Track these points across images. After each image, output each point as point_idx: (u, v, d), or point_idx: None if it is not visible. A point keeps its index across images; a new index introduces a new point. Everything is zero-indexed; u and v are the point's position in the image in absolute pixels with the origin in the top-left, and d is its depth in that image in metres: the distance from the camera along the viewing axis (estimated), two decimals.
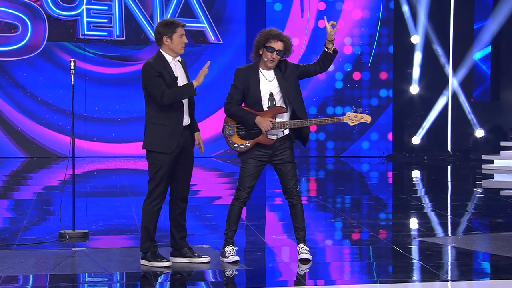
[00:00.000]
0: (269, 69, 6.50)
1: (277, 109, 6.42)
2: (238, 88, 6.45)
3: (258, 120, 6.38)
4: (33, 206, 9.73)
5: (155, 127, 6.37)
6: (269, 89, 6.45)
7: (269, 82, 6.46)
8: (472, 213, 9.65)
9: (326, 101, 16.48)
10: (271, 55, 6.44)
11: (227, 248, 6.53)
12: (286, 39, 6.49)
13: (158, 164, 6.35)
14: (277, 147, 6.47)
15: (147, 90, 6.39)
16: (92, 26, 15.64)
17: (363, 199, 11.04)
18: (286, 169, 6.51)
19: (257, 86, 6.43)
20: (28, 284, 6.03)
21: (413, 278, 6.26)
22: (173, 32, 6.40)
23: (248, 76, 6.45)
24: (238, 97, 6.46)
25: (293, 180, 6.53)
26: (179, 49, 6.43)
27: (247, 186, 6.48)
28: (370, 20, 16.33)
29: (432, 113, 16.53)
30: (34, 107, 15.59)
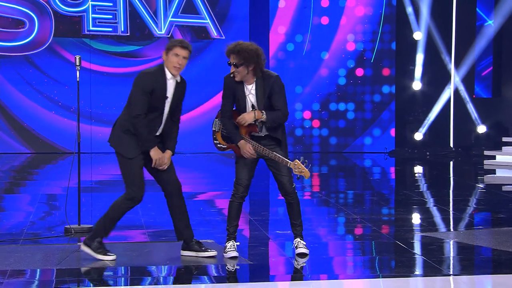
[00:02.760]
0: (248, 83, 6.46)
1: (249, 127, 6.47)
2: (227, 98, 6.51)
3: (240, 144, 6.45)
4: (39, 201, 9.79)
5: (125, 131, 6.38)
6: (252, 102, 6.48)
7: (251, 95, 6.49)
8: (474, 208, 9.69)
9: (329, 97, 16.52)
10: (232, 71, 6.44)
11: (228, 243, 6.60)
12: (240, 49, 6.36)
13: (126, 165, 6.41)
14: (265, 145, 6.50)
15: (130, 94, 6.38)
16: (97, 22, 15.71)
17: (365, 195, 11.09)
18: (278, 166, 6.55)
19: (243, 98, 6.48)
20: (34, 278, 6.08)
21: (416, 272, 6.30)
22: (170, 49, 6.36)
23: (235, 87, 6.48)
24: (228, 107, 6.53)
25: (286, 177, 6.56)
26: (171, 67, 6.36)
27: (241, 179, 6.54)
28: (372, 16, 16.37)
29: (434, 109, 16.57)
30: (40, 103, 15.65)
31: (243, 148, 6.46)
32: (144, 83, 6.32)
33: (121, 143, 6.41)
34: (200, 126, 15.85)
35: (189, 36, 16.00)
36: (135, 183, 6.41)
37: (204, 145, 15.97)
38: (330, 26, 16.38)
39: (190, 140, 15.42)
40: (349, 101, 16.56)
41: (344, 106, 16.58)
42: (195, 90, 15.92)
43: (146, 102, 6.28)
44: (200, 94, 15.97)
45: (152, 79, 6.33)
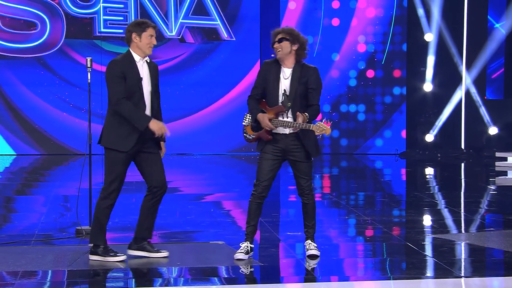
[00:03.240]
0: (287, 67, 6.56)
1: (277, 108, 6.52)
2: (259, 82, 6.60)
3: (258, 117, 6.50)
4: (50, 203, 9.82)
5: (115, 125, 6.40)
6: (284, 87, 6.53)
7: (285, 80, 6.55)
8: (485, 210, 9.67)
9: (340, 98, 16.52)
10: (274, 47, 6.56)
11: (242, 244, 6.62)
12: (284, 29, 6.59)
13: (114, 162, 6.41)
14: (289, 144, 6.53)
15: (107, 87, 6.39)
16: (109, 24, 15.76)
17: (376, 196, 11.08)
18: (298, 167, 6.58)
19: (275, 82, 6.54)
20: (46, 279, 6.10)
21: (427, 274, 6.30)
22: (143, 30, 6.40)
23: (269, 71, 6.57)
24: (258, 91, 6.60)
25: (305, 179, 6.59)
26: (146, 48, 6.41)
27: (262, 180, 6.55)
28: (383, 18, 16.35)
29: (446, 111, 16.54)
30: (51, 104, 15.71)
31: (262, 122, 6.48)
32: (113, 70, 6.34)
33: (112, 138, 6.40)
34: (211, 127, 15.89)
35: (200, 37, 16.03)
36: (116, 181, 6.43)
37: (215, 146, 16.00)
38: (340, 28, 16.37)
39: (200, 140, 15.44)
40: (360, 102, 16.54)
41: (355, 108, 16.56)
42: (206, 91, 15.97)
43: (122, 86, 6.30)
44: (211, 95, 15.99)
45: (119, 65, 6.35)
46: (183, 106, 15.35)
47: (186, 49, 16.01)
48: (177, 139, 15.45)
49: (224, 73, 16.07)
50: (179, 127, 15.31)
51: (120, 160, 6.41)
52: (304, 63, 6.62)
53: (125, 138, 6.38)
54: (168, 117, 15.90)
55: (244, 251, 6.58)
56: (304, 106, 6.53)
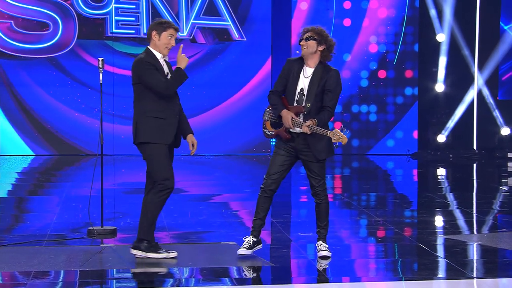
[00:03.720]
0: (310, 66, 6.55)
1: (297, 107, 6.52)
2: (281, 78, 6.62)
3: (283, 113, 6.50)
4: (62, 203, 9.85)
5: (152, 121, 6.43)
6: (302, 85, 6.54)
7: (305, 79, 6.56)
8: (497, 210, 9.64)
9: (351, 99, 16.50)
10: (301, 43, 6.57)
11: (246, 238, 6.64)
12: (314, 28, 6.58)
13: (157, 156, 6.42)
14: (300, 144, 6.55)
15: (145, 84, 6.40)
16: (120, 24, 15.80)
17: (388, 197, 11.06)
18: (309, 167, 6.60)
19: (295, 80, 6.55)
20: (58, 279, 6.12)
21: (439, 275, 6.29)
22: (163, 30, 6.45)
23: (292, 68, 6.59)
24: (280, 87, 6.62)
25: (317, 179, 6.60)
26: (163, 48, 6.47)
27: (271, 173, 6.57)
28: (395, 18, 16.32)
29: (458, 111, 16.49)
30: (63, 105, 15.76)
31: (284, 117, 6.49)
32: (144, 64, 6.39)
33: (150, 131, 6.41)
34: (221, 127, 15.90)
35: (211, 37, 16.04)
36: (168, 173, 6.42)
37: (226, 146, 16.02)
38: (352, 28, 16.35)
39: (211, 141, 15.45)
40: (372, 103, 16.52)
41: (366, 108, 16.54)
42: (216, 91, 15.99)
43: (159, 74, 6.37)
44: (222, 95, 16.00)
45: (149, 60, 6.41)
46: (194, 106, 15.38)
47: (197, 49, 16.03)
48: None
49: (235, 73, 16.08)
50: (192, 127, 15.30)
51: (165, 152, 6.43)
52: (326, 64, 6.62)
53: (166, 132, 6.41)
54: None
55: (247, 246, 6.58)
56: (320, 107, 6.53)
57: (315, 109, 6.50)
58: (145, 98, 6.44)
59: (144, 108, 6.45)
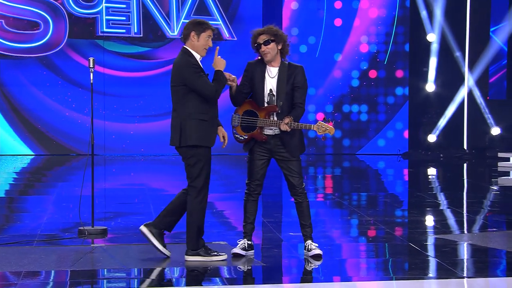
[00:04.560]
0: (273, 66, 6.57)
1: (270, 107, 6.54)
2: (244, 81, 6.62)
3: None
4: (53, 203, 9.83)
5: (197, 123, 6.38)
6: (270, 86, 6.55)
7: (271, 79, 6.57)
8: (488, 210, 9.66)
9: (342, 99, 16.52)
10: (261, 50, 6.55)
11: (240, 241, 6.65)
12: (268, 30, 6.56)
13: (203, 160, 6.39)
14: (275, 144, 6.57)
15: (192, 87, 6.34)
16: (111, 24, 15.78)
17: (379, 197, 11.08)
18: (288, 166, 6.61)
19: (261, 81, 6.56)
20: (49, 279, 6.10)
21: (429, 275, 6.29)
22: (202, 31, 6.43)
23: (255, 70, 6.59)
24: (245, 90, 6.61)
25: (296, 178, 6.62)
26: (201, 49, 6.45)
27: (253, 179, 6.62)
28: (386, 18, 16.35)
29: (448, 111, 16.54)
30: (54, 105, 15.72)
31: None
32: (193, 68, 6.36)
33: (197, 134, 6.37)
34: None
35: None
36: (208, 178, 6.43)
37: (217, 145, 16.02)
38: (343, 28, 16.37)
39: None
40: (362, 102, 16.54)
41: (357, 108, 16.56)
42: None
43: (206, 77, 6.38)
44: None
45: (192, 62, 6.39)
46: None
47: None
48: None
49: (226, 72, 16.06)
50: None
51: (208, 157, 6.42)
52: (290, 62, 6.64)
53: (211, 134, 6.41)
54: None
55: (242, 247, 6.60)
56: (291, 105, 6.56)
57: (286, 107, 6.53)
58: (191, 101, 6.38)
59: (189, 111, 6.38)
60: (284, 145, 6.56)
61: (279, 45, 6.55)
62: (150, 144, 15.83)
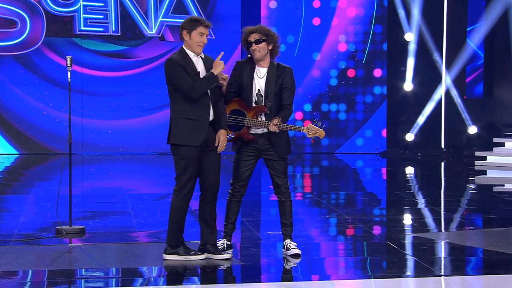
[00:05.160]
0: (262, 66, 6.58)
1: (259, 107, 6.53)
2: (233, 80, 6.59)
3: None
4: (30, 203, 9.77)
5: (182, 122, 6.36)
6: (259, 86, 6.56)
7: (260, 79, 6.58)
8: (465, 209, 9.72)
9: (321, 98, 16.54)
10: (251, 48, 6.55)
11: (219, 241, 6.64)
12: (260, 29, 6.56)
13: (186, 159, 6.35)
14: (263, 144, 6.57)
15: (174, 85, 6.37)
16: (89, 22, 15.71)
17: (357, 195, 11.11)
18: (274, 165, 6.62)
19: (250, 81, 6.56)
20: (26, 279, 6.07)
21: (407, 273, 6.32)
22: (193, 28, 6.42)
23: (244, 70, 6.58)
24: (232, 88, 6.60)
25: (282, 177, 6.63)
26: (195, 47, 6.43)
27: (238, 179, 6.61)
28: (364, 17, 16.40)
29: (426, 110, 16.61)
30: (31, 103, 15.63)
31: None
32: (174, 66, 6.35)
33: (180, 132, 6.35)
34: None
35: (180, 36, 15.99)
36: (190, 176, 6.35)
37: None
38: (321, 27, 16.40)
39: None
40: (341, 102, 16.58)
41: (335, 107, 16.60)
42: None
43: (186, 76, 6.32)
44: None
45: (178, 60, 6.37)
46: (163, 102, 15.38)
47: (166, 47, 15.98)
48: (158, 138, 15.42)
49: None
50: (161, 127, 15.28)
51: (191, 157, 6.34)
52: (278, 62, 6.66)
53: (195, 134, 6.34)
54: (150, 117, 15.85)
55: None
56: (279, 105, 6.57)
57: (274, 108, 6.54)
58: (178, 99, 6.38)
59: (177, 109, 6.39)
60: (272, 145, 6.56)
61: (269, 45, 6.56)
62: (128, 143, 15.77)
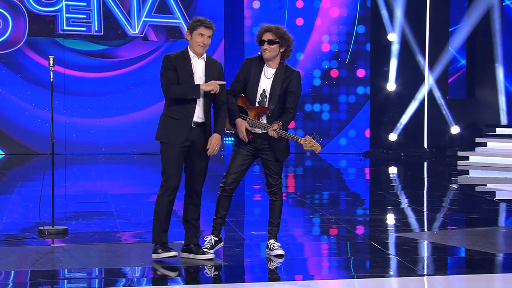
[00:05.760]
0: (271, 66, 6.56)
1: (261, 108, 6.52)
2: (240, 77, 6.59)
3: (237, 122, 6.51)
4: (13, 203, 9.72)
5: (166, 120, 6.39)
6: (264, 86, 6.54)
7: (267, 79, 6.56)
8: (447, 208, 9.76)
9: (304, 98, 16.56)
10: (263, 47, 6.55)
11: (207, 238, 6.63)
12: (276, 30, 6.56)
13: (166, 156, 6.37)
14: (261, 144, 6.57)
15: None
16: (71, 22, 15.65)
17: (340, 195, 11.13)
18: (269, 166, 6.63)
19: (256, 80, 6.54)
20: (8, 280, 6.03)
21: (390, 273, 6.34)
22: (194, 29, 6.41)
23: (253, 68, 6.57)
24: (238, 87, 6.59)
25: (275, 178, 6.64)
26: (196, 47, 6.41)
27: (231, 172, 6.59)
28: (347, 18, 16.43)
29: (409, 110, 16.66)
30: (13, 103, 15.54)
31: (239, 127, 6.47)
32: (166, 63, 6.37)
33: (163, 130, 6.37)
34: None
35: (163, 35, 15.97)
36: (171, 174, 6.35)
37: None
38: (305, 27, 16.42)
39: None
40: (324, 102, 16.60)
41: (319, 107, 16.62)
42: None
43: (173, 76, 6.32)
44: None
45: (173, 59, 6.38)
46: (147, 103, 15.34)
47: (149, 47, 15.94)
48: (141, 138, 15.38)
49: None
50: (145, 127, 15.25)
51: (172, 155, 6.34)
52: (287, 65, 6.64)
53: (176, 133, 6.34)
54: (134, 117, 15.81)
55: (209, 246, 6.58)
56: (282, 108, 6.56)
57: (277, 110, 6.53)
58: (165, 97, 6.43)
59: (165, 107, 6.44)
60: (270, 146, 6.56)
61: (281, 48, 6.55)
62: (111, 143, 15.71)
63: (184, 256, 6.55)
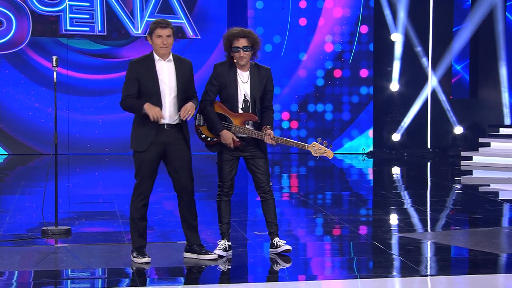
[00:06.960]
0: (244, 70, 6.53)
1: (249, 116, 6.49)
2: (214, 84, 6.51)
3: (223, 134, 6.44)
4: (16, 203, 9.73)
5: (135, 127, 6.40)
6: (244, 91, 6.51)
7: (244, 84, 6.52)
8: (451, 209, 9.75)
9: (307, 98, 16.56)
10: (238, 54, 6.47)
11: (220, 242, 6.65)
12: (249, 34, 6.48)
13: (137, 162, 6.38)
14: (248, 145, 6.56)
15: None
16: (75, 22, 15.67)
17: (343, 195, 11.12)
18: (257, 164, 6.62)
19: (234, 86, 6.48)
20: (12, 280, 6.05)
21: (393, 273, 6.34)
22: (152, 32, 6.38)
23: (226, 73, 6.51)
24: (213, 95, 6.53)
25: (265, 175, 6.63)
26: (157, 50, 6.36)
27: (225, 180, 6.60)
28: (350, 18, 16.42)
29: (412, 110, 16.66)
30: (17, 104, 15.56)
31: (227, 140, 6.44)
32: (128, 71, 6.37)
33: (133, 137, 6.38)
34: None
35: None
36: (143, 177, 6.35)
37: None
38: (308, 27, 16.41)
39: None
40: (327, 102, 16.60)
41: (322, 107, 16.62)
42: None
43: (131, 85, 6.29)
44: None
45: (135, 65, 6.36)
46: None
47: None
48: None
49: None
50: None
51: (141, 160, 6.34)
52: (256, 63, 6.60)
53: (142, 139, 6.32)
54: None
55: (223, 248, 6.60)
56: (261, 108, 6.55)
57: (258, 112, 6.52)
58: None
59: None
60: (255, 144, 6.56)
61: (254, 52, 6.52)
62: (114, 143, 15.72)
63: (187, 256, 6.56)
